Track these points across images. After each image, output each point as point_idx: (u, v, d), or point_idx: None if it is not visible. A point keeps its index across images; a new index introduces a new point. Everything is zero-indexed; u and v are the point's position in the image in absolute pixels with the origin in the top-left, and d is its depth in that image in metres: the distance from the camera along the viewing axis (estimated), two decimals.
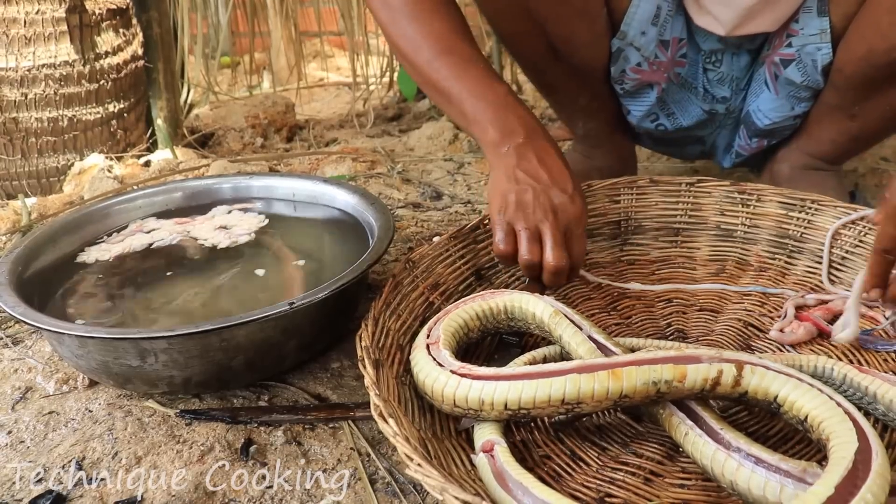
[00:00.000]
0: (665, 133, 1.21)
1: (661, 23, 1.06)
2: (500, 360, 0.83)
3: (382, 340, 0.77)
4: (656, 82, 1.13)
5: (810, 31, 1.04)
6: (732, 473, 0.61)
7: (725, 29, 1.05)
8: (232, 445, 0.78)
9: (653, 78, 1.12)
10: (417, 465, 0.58)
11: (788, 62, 1.07)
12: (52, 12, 1.52)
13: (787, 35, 1.06)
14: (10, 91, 1.51)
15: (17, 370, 0.94)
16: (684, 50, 1.11)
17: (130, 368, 0.80)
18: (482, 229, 0.96)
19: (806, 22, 1.04)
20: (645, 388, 0.65)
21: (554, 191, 0.85)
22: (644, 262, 1.03)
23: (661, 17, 1.06)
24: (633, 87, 1.14)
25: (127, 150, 1.69)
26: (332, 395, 0.87)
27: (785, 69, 1.08)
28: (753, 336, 0.89)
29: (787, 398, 0.65)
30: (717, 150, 1.26)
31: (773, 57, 1.09)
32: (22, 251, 0.95)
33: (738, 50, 1.12)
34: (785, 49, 1.07)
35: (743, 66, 1.14)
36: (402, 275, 0.86)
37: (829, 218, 0.97)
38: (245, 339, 0.80)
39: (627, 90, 1.15)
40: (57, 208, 1.41)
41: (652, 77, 1.12)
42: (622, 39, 1.07)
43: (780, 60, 1.08)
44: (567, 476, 0.70)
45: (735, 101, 1.17)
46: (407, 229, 1.28)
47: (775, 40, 1.09)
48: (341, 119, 2.08)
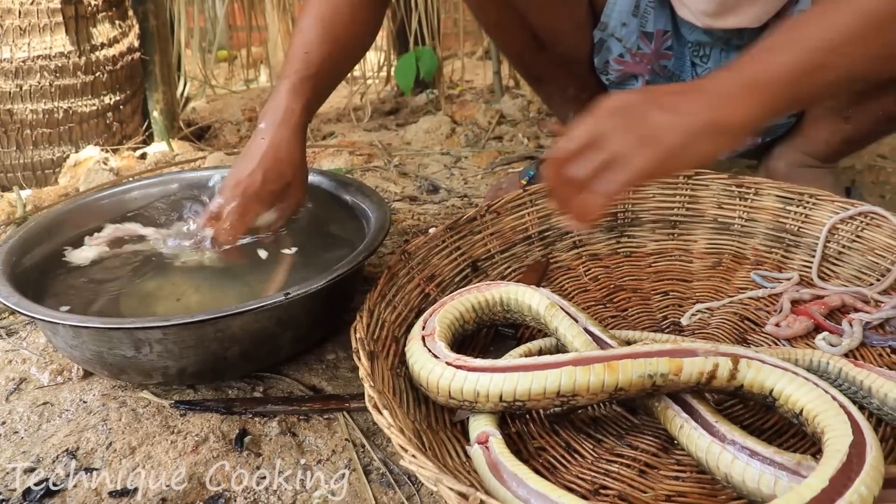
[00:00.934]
0: None
1: (642, 14, 1.07)
2: (495, 352, 0.83)
3: (377, 332, 0.77)
4: (640, 74, 1.13)
5: None
6: (727, 466, 0.61)
7: (702, 21, 1.06)
8: (226, 436, 0.78)
9: (636, 69, 1.12)
10: (412, 456, 0.58)
11: None
12: (48, 3, 1.51)
13: None
14: (4, 82, 1.50)
15: (11, 361, 0.94)
16: (669, 42, 1.11)
17: (125, 359, 0.80)
18: (478, 221, 0.96)
19: None
20: (641, 381, 0.65)
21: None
22: (641, 254, 1.03)
23: (642, 9, 1.07)
24: (618, 78, 1.14)
25: (123, 142, 1.69)
26: (327, 386, 0.87)
27: None
28: (749, 330, 0.89)
29: (782, 392, 0.65)
30: None
31: None
32: (16, 242, 0.94)
33: (727, 46, 1.12)
34: None
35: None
36: (397, 266, 0.85)
37: (827, 213, 0.97)
38: (240, 330, 0.80)
39: (613, 81, 1.15)
40: (52, 200, 1.41)
41: (636, 68, 1.12)
42: (603, 30, 1.08)
43: None
44: (562, 468, 0.70)
45: None
46: (403, 222, 1.28)
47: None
48: (338, 113, 2.08)
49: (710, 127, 0.66)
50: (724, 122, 0.66)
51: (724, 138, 0.67)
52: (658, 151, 0.65)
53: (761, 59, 0.68)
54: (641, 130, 0.66)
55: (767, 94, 0.67)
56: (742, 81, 0.67)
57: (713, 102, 0.66)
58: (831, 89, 0.77)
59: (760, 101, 0.67)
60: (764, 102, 0.67)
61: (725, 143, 0.67)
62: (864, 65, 0.72)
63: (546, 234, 1.01)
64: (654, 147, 0.66)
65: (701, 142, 0.66)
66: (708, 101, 0.67)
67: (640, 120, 0.66)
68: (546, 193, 0.72)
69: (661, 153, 0.65)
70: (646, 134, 0.66)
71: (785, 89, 0.68)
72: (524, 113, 1.87)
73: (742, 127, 0.67)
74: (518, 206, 1.00)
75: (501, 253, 0.98)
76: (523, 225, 1.00)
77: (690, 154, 0.66)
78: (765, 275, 0.97)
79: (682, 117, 0.66)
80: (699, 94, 0.68)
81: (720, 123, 0.66)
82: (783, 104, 0.69)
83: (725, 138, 0.67)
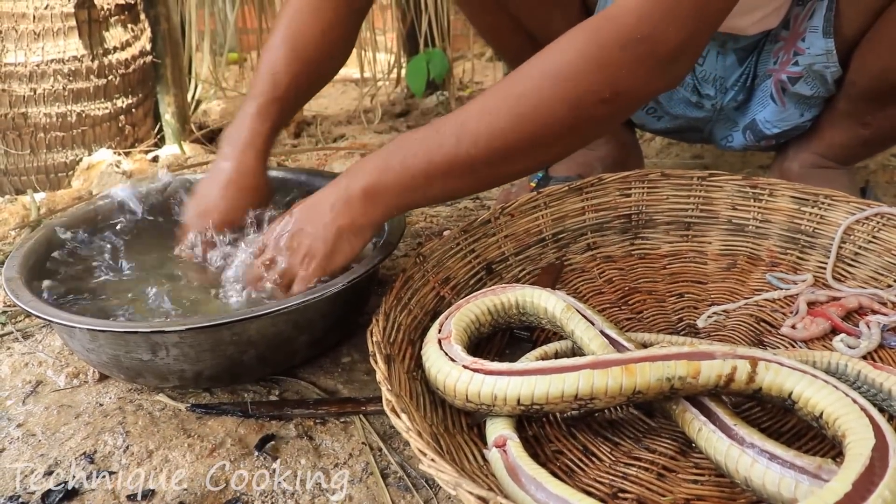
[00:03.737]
0: (660, 120, 1.22)
1: None
2: (511, 354, 0.83)
3: (393, 335, 0.77)
4: None
5: (816, 50, 1.04)
6: (747, 469, 0.61)
7: None
8: (243, 440, 0.78)
9: None
10: (431, 459, 0.58)
11: (796, 79, 1.07)
12: (61, 7, 1.52)
13: (794, 53, 1.06)
14: (19, 86, 1.51)
15: (27, 364, 0.94)
16: None
17: (142, 362, 0.80)
18: (492, 223, 0.96)
19: (812, 41, 1.04)
20: (659, 384, 0.65)
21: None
22: (655, 256, 1.03)
23: None
24: None
25: (135, 145, 1.69)
26: (343, 389, 0.87)
27: (793, 85, 1.08)
28: (766, 332, 0.88)
29: (801, 395, 0.65)
30: (715, 138, 1.26)
31: (781, 75, 1.09)
32: (32, 245, 0.95)
33: (724, 49, 1.11)
34: (792, 67, 1.07)
35: (728, 66, 1.13)
36: (412, 269, 0.85)
37: (842, 213, 0.97)
38: (256, 334, 0.80)
39: None
40: (66, 203, 1.41)
41: None
42: None
43: (788, 78, 1.08)
44: (580, 471, 0.69)
45: (722, 99, 1.16)
46: (416, 224, 1.28)
47: (782, 56, 1.08)
48: (349, 115, 2.08)
49: (344, 231, 0.81)
50: (354, 226, 0.81)
51: (357, 238, 0.82)
52: (318, 260, 0.82)
53: (380, 163, 0.80)
54: (302, 249, 0.82)
55: (385, 200, 0.80)
56: (364, 188, 0.80)
57: (340, 212, 0.81)
58: (467, 188, 0.85)
59: (383, 205, 0.81)
60: (386, 206, 0.81)
61: (360, 241, 0.82)
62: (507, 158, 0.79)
63: (560, 236, 1.01)
64: (314, 258, 0.82)
65: (341, 244, 0.81)
66: (335, 213, 0.81)
67: (300, 239, 0.83)
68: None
69: (320, 261, 0.82)
70: (306, 250, 0.82)
71: (400, 198, 0.81)
72: None
73: (370, 226, 0.82)
74: (532, 208, 0.99)
75: (516, 255, 0.97)
76: (537, 227, 1.00)
77: (338, 255, 0.82)
78: (780, 276, 0.97)
79: (321, 230, 0.81)
80: (329, 210, 0.81)
81: (352, 227, 0.81)
82: (404, 207, 0.83)
83: (358, 238, 0.82)
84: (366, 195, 0.80)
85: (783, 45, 1.08)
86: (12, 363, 0.94)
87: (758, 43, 1.12)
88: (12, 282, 0.86)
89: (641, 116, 1.23)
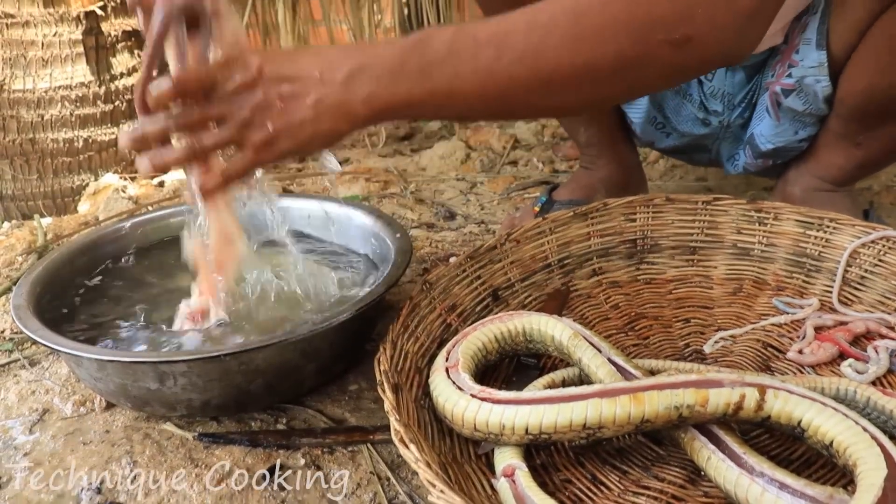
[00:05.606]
0: (668, 137, 1.23)
1: None
2: (518, 382, 0.83)
3: (401, 364, 0.77)
4: None
5: (809, 62, 1.04)
6: (757, 499, 0.61)
7: None
8: (251, 469, 0.78)
9: None
10: (440, 491, 0.57)
11: (789, 92, 1.08)
12: (69, 34, 1.53)
13: (788, 65, 1.07)
14: (27, 112, 1.52)
15: (34, 392, 0.94)
16: None
17: (149, 391, 0.80)
18: (498, 249, 0.96)
19: (805, 53, 1.05)
20: (667, 412, 0.65)
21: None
22: (661, 280, 1.03)
23: None
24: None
25: None
26: (351, 417, 0.87)
27: (786, 98, 1.09)
28: (773, 357, 0.88)
29: (811, 423, 0.65)
30: (721, 159, 1.27)
31: (775, 86, 1.10)
32: (41, 272, 0.95)
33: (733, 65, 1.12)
34: (786, 79, 1.08)
35: (737, 82, 1.14)
36: (419, 297, 0.86)
37: (848, 237, 0.97)
38: (264, 363, 0.80)
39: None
40: (72, 228, 1.42)
41: None
42: None
43: (781, 90, 1.09)
44: (588, 500, 0.69)
45: (729, 116, 1.17)
46: (421, 250, 1.28)
47: (778, 68, 1.09)
48: (353, 139, 2.09)
49: (336, 107, 0.66)
50: (349, 113, 0.67)
51: (345, 123, 0.67)
52: (294, 126, 0.66)
53: (394, 65, 0.66)
54: (274, 107, 0.65)
55: (388, 114, 0.68)
56: (367, 97, 0.67)
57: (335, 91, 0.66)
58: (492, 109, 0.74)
59: (383, 115, 0.68)
60: (387, 116, 0.68)
61: (347, 126, 0.68)
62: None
63: (566, 261, 1.01)
64: (290, 123, 0.66)
65: (328, 118, 0.67)
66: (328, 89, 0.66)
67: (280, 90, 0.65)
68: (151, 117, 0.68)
69: (295, 128, 0.66)
70: (279, 111, 0.65)
71: (408, 111, 0.68)
72: (538, 137, 1.88)
73: (363, 122, 0.68)
74: (537, 234, 1.00)
75: (522, 281, 0.98)
76: (543, 253, 1.00)
77: (322, 128, 0.67)
78: (787, 300, 0.97)
79: (313, 92, 0.66)
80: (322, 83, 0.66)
81: (345, 109, 0.67)
82: (408, 117, 0.70)
83: (345, 123, 0.67)
84: (370, 107, 0.67)
85: (780, 58, 1.09)
86: (19, 391, 0.94)
87: (766, 60, 1.13)
88: (20, 309, 0.86)
89: (650, 131, 1.23)
